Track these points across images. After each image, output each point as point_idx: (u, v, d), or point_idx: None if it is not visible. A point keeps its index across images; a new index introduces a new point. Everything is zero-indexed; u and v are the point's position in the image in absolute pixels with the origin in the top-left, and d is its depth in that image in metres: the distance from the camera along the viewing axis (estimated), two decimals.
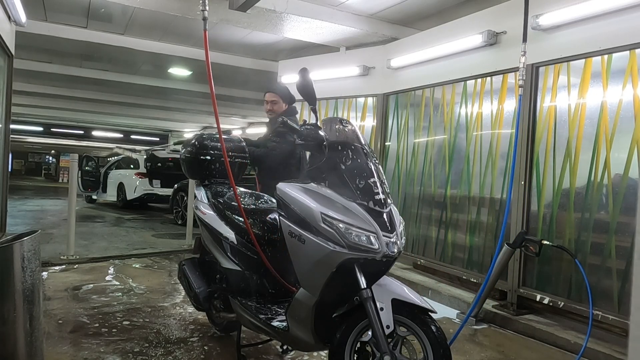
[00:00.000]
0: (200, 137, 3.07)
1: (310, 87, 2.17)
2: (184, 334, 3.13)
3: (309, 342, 2.08)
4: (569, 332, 3.26)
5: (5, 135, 5.45)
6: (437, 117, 4.76)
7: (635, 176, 3.06)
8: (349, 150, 2.06)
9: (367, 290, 1.88)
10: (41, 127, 21.67)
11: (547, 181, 3.60)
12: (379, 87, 5.48)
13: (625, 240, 3.10)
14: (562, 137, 3.52)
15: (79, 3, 5.54)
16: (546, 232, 3.59)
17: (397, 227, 2.00)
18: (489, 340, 3.32)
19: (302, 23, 5.21)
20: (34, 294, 1.86)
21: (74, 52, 7.63)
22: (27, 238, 1.84)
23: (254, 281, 2.58)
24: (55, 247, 5.71)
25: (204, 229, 2.86)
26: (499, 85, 4.08)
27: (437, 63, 4.67)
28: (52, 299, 3.72)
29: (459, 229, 4.43)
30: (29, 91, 10.80)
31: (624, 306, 3.04)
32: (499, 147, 4.05)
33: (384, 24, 5.55)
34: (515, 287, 3.69)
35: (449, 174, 4.56)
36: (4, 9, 4.75)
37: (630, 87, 3.12)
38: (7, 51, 5.18)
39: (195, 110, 13.39)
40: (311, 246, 1.96)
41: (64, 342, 2.90)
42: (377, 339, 1.85)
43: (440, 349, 1.86)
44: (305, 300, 2.02)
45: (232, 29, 6.04)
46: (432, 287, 4.35)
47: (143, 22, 6.13)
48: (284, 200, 2.11)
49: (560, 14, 3.43)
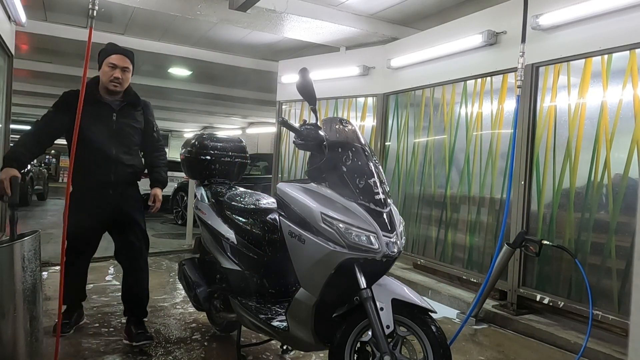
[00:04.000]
0: (200, 137, 3.08)
1: (310, 87, 2.16)
2: (184, 334, 3.13)
3: (309, 342, 2.08)
4: (569, 332, 3.26)
5: (5, 135, 5.45)
6: (437, 117, 4.76)
7: (635, 176, 3.06)
8: (349, 150, 2.06)
9: (367, 290, 1.88)
10: None
11: (547, 181, 3.60)
12: (379, 87, 5.48)
13: (625, 240, 3.10)
14: (562, 137, 3.52)
15: (79, 3, 5.53)
16: (546, 232, 3.59)
17: (397, 227, 2.00)
18: (489, 340, 3.32)
19: (302, 23, 5.21)
20: (34, 294, 1.87)
21: (74, 52, 7.63)
22: (27, 238, 1.84)
23: (254, 281, 2.58)
24: (55, 247, 5.70)
25: (204, 229, 2.86)
26: (499, 85, 4.08)
27: (437, 63, 4.67)
28: (52, 299, 3.71)
29: (459, 229, 4.43)
30: (29, 91, 10.80)
31: (624, 306, 3.04)
32: (499, 147, 4.05)
33: (384, 24, 5.55)
34: (515, 287, 3.69)
35: (449, 174, 4.56)
36: (4, 9, 4.75)
37: (630, 87, 3.12)
38: (7, 51, 5.18)
39: (195, 110, 13.38)
40: (311, 246, 1.96)
41: (64, 342, 2.90)
42: (377, 339, 1.85)
43: (440, 349, 1.86)
44: (305, 300, 2.02)
45: (232, 29, 6.04)
46: (432, 287, 4.35)
47: (143, 22, 6.13)
48: (284, 200, 2.11)
49: (560, 14, 3.43)
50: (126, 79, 2.84)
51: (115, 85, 2.79)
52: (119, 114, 2.83)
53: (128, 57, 2.85)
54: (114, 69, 2.78)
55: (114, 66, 2.78)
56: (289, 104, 6.69)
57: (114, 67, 2.78)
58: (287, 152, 6.62)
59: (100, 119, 2.76)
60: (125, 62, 2.83)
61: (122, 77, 2.80)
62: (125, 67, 2.82)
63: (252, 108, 12.55)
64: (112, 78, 2.77)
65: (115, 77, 2.77)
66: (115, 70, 2.78)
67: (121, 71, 2.79)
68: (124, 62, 2.82)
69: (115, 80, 2.78)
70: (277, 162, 6.77)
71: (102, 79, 2.81)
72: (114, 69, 2.78)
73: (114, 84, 2.78)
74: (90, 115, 2.61)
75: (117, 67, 2.78)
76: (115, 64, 2.78)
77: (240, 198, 2.82)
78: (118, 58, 2.80)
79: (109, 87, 2.79)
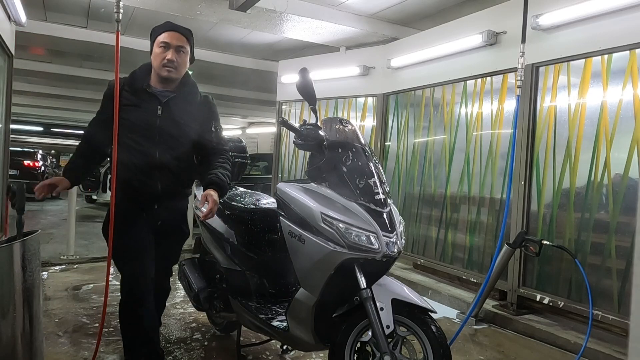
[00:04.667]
0: None
1: (310, 87, 2.16)
2: (184, 334, 3.13)
3: (309, 342, 2.08)
4: (569, 332, 3.26)
5: (5, 135, 5.45)
6: (437, 117, 4.76)
7: (635, 176, 3.06)
8: (349, 150, 2.06)
9: (367, 290, 1.88)
10: (41, 127, 21.68)
11: (547, 181, 3.60)
12: (379, 87, 5.48)
13: (625, 240, 3.10)
14: (562, 137, 3.52)
15: (79, 3, 5.53)
16: (546, 232, 3.58)
17: (397, 227, 2.00)
18: (489, 340, 3.32)
19: (302, 23, 5.21)
20: (34, 294, 1.86)
21: (74, 52, 7.63)
22: (27, 238, 1.84)
23: (254, 281, 2.58)
24: (55, 247, 5.71)
25: (204, 229, 2.86)
26: (499, 85, 4.08)
27: (437, 63, 4.67)
28: (52, 299, 3.72)
29: (459, 229, 4.43)
30: (29, 91, 10.80)
31: (624, 306, 3.04)
32: (499, 147, 4.05)
33: (384, 24, 5.54)
34: (515, 287, 3.69)
35: (449, 174, 4.56)
36: (4, 9, 4.75)
37: (630, 87, 3.12)
38: (7, 51, 5.18)
39: None
40: (311, 246, 1.96)
41: (64, 342, 2.90)
42: (377, 339, 1.85)
43: (440, 349, 1.86)
44: (305, 300, 2.02)
45: (232, 29, 6.04)
46: (432, 287, 4.35)
47: (143, 22, 6.13)
48: (284, 200, 2.11)
49: (560, 14, 3.43)
50: (182, 62, 2.26)
51: (169, 69, 2.21)
52: (165, 108, 2.24)
53: (184, 35, 2.27)
54: (166, 49, 2.21)
55: (165, 46, 2.21)
56: (289, 104, 6.69)
57: (166, 46, 2.21)
58: (287, 152, 6.62)
59: (143, 114, 2.22)
60: (181, 40, 2.25)
61: (177, 60, 2.22)
62: (180, 47, 2.23)
63: (252, 108, 12.55)
64: (164, 61, 2.20)
65: (168, 60, 2.20)
66: (168, 51, 2.21)
67: (175, 52, 2.21)
68: (179, 39, 2.24)
69: (169, 63, 2.20)
70: (277, 162, 6.77)
71: (153, 64, 2.27)
72: (165, 50, 2.21)
73: (167, 69, 2.21)
74: (134, 109, 2.21)
75: (170, 46, 2.21)
76: (167, 42, 2.21)
77: (240, 198, 2.82)
78: (170, 35, 2.23)
79: (162, 74, 2.23)
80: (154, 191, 2.24)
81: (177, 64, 2.23)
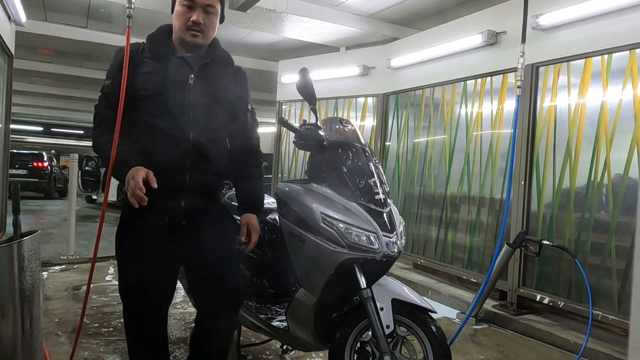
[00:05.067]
0: None
1: (310, 87, 2.16)
2: (184, 334, 3.13)
3: (309, 342, 2.08)
4: (569, 332, 3.26)
5: (5, 135, 5.45)
6: (437, 117, 4.76)
7: (635, 176, 3.06)
8: (349, 150, 2.06)
9: (367, 290, 1.88)
10: (41, 127, 21.70)
11: (547, 181, 3.60)
12: (379, 87, 5.48)
13: (625, 240, 3.10)
14: (562, 137, 3.52)
15: (79, 3, 5.54)
16: (546, 232, 3.59)
17: (397, 227, 2.00)
18: (489, 340, 3.32)
19: (302, 23, 5.21)
20: (34, 294, 1.86)
21: (74, 52, 7.63)
22: (27, 238, 1.84)
23: (254, 281, 2.58)
24: (55, 247, 5.71)
25: None
26: (499, 85, 4.08)
27: (437, 63, 4.67)
28: (52, 299, 3.72)
29: (459, 229, 4.43)
30: (29, 91, 10.81)
31: (624, 306, 3.04)
32: (499, 147, 4.05)
33: (384, 24, 5.55)
34: (515, 287, 3.69)
35: (449, 174, 4.56)
36: (4, 9, 4.75)
37: (630, 87, 3.12)
38: (7, 51, 5.18)
39: None
40: (311, 246, 1.96)
41: (64, 342, 2.90)
42: (377, 339, 1.85)
43: (440, 349, 1.86)
44: (305, 300, 2.02)
45: (232, 28, 6.04)
46: (432, 287, 4.35)
47: (143, 22, 6.12)
48: (284, 200, 2.11)
49: (560, 14, 3.43)
50: (211, 24, 1.81)
51: (194, 33, 1.77)
52: (199, 76, 1.79)
53: None
54: (192, 9, 1.76)
55: (191, 5, 1.75)
56: (289, 104, 6.69)
57: (192, 5, 1.75)
58: (287, 152, 6.63)
59: (171, 84, 1.74)
60: None
61: (205, 22, 1.77)
62: (208, 6, 1.77)
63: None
64: (189, 23, 1.75)
65: (194, 22, 1.75)
66: (194, 11, 1.75)
67: (202, 12, 1.76)
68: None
69: (194, 26, 1.76)
70: (277, 162, 6.77)
71: (175, 25, 1.82)
72: (191, 10, 1.76)
73: (192, 32, 1.77)
74: (157, 78, 1.74)
75: (197, 5, 1.75)
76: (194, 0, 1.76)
77: None
78: None
79: (186, 38, 1.78)
80: (183, 182, 1.75)
81: (205, 26, 1.77)
